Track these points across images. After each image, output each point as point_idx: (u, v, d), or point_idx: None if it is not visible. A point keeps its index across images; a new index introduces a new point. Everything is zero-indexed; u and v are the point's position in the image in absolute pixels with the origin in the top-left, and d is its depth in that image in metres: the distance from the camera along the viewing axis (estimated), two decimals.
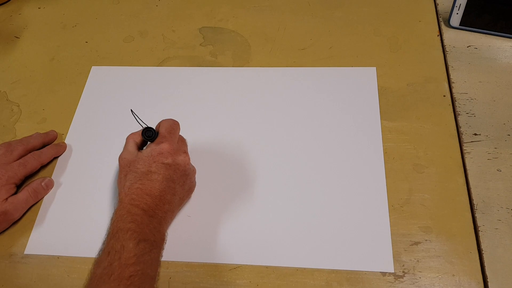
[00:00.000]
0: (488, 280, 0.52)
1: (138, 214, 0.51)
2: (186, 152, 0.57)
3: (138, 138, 0.58)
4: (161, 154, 0.54)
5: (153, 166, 0.54)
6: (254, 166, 0.63)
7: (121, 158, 0.57)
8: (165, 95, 0.72)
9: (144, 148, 0.58)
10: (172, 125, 0.58)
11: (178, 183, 0.56)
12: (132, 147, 0.57)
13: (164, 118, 0.59)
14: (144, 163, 0.54)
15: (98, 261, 0.49)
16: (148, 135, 0.56)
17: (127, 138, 0.58)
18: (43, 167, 0.65)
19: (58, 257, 0.58)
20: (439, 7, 0.78)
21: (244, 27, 0.80)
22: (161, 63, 0.76)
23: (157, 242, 0.51)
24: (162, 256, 0.52)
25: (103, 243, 0.50)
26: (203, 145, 0.66)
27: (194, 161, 0.60)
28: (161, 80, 0.74)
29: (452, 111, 0.66)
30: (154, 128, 0.57)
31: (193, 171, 0.59)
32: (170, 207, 0.55)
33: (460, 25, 0.74)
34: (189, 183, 0.59)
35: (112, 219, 0.52)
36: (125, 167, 0.56)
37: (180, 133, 0.59)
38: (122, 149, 0.66)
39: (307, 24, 0.79)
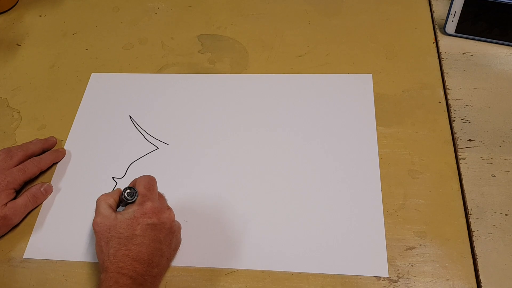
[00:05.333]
0: (482, 284, 0.52)
1: (126, 285, 0.48)
2: (170, 208, 0.55)
3: (111, 200, 0.55)
4: (145, 215, 0.52)
5: (137, 228, 0.51)
6: (249, 171, 0.64)
7: (96, 224, 0.53)
8: (163, 102, 0.73)
9: (120, 209, 0.55)
10: (150, 182, 0.55)
11: (164, 243, 0.53)
12: (107, 211, 0.53)
13: (162, 126, 0.58)
14: (127, 226, 0.51)
15: None
16: (130, 195, 0.53)
17: (98, 201, 0.55)
18: (43, 172, 0.66)
19: (57, 261, 0.59)
20: (434, 15, 0.79)
21: (242, 35, 0.81)
22: (160, 70, 0.77)
23: None
24: None
25: None
26: (201, 149, 0.67)
27: (190, 164, 0.61)
28: (160, 86, 0.75)
29: (447, 117, 0.66)
30: (129, 186, 0.55)
31: (178, 227, 0.57)
32: (159, 270, 0.52)
33: (455, 32, 0.74)
34: (175, 241, 0.56)
35: None
36: (105, 233, 0.52)
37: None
38: (120, 154, 0.66)
39: (304, 31, 0.80)
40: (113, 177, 0.65)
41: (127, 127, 0.70)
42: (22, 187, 0.64)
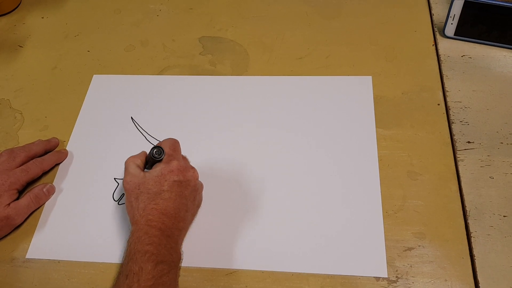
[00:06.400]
0: (480, 285, 0.53)
1: (155, 235, 0.51)
2: (193, 168, 0.58)
3: (138, 161, 0.58)
4: (171, 172, 0.55)
5: (165, 184, 0.54)
6: (249, 172, 0.64)
7: (126, 182, 0.56)
8: (165, 103, 0.73)
9: (148, 167, 0.58)
10: (174, 143, 0.59)
11: (189, 199, 0.56)
12: (135, 170, 0.57)
13: (163, 127, 0.60)
14: (155, 183, 0.54)
15: (117, 285, 0.49)
16: (158, 153, 0.56)
17: (127, 162, 0.58)
18: (45, 173, 0.67)
19: (59, 261, 0.59)
20: (434, 18, 0.79)
21: (242, 37, 0.81)
22: (161, 72, 0.78)
23: (175, 262, 0.51)
24: (179, 275, 0.52)
25: (121, 266, 0.51)
26: (202, 151, 0.67)
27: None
28: (161, 88, 0.75)
29: (446, 119, 0.67)
30: (156, 145, 0.58)
31: (201, 186, 0.60)
32: (184, 225, 0.56)
33: (454, 35, 0.75)
34: (198, 198, 0.60)
35: (128, 241, 0.52)
36: (134, 190, 0.55)
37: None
38: (122, 155, 0.67)
39: (305, 33, 0.80)
40: (114, 178, 0.66)
41: (129, 128, 0.71)
42: (25, 188, 0.64)
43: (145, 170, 0.58)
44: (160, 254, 0.50)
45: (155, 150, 0.57)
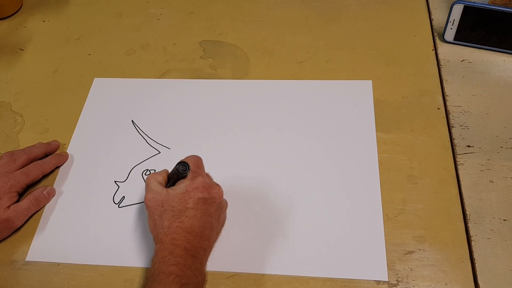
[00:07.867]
0: None
1: (180, 256, 0.49)
2: (218, 185, 0.56)
3: (160, 178, 0.57)
4: (196, 189, 0.53)
5: (190, 202, 0.53)
6: (250, 175, 0.64)
7: (148, 199, 0.54)
8: (165, 107, 0.73)
9: (170, 185, 0.57)
10: (198, 160, 0.57)
11: (214, 217, 0.55)
12: (158, 187, 0.55)
13: (164, 130, 0.59)
14: (180, 200, 0.53)
15: None
16: (183, 169, 0.55)
17: (149, 179, 0.56)
18: (45, 176, 0.67)
19: (59, 264, 0.59)
20: (434, 22, 0.80)
21: (243, 41, 0.82)
22: (162, 75, 0.78)
23: (199, 284, 0.51)
24: None
25: (143, 286, 0.49)
26: (202, 153, 0.67)
27: None
28: (162, 91, 0.76)
29: (446, 124, 0.67)
30: (181, 161, 0.56)
31: (226, 204, 0.59)
32: (209, 244, 0.54)
33: (454, 40, 0.75)
34: (223, 216, 0.58)
35: (153, 260, 0.51)
36: (158, 207, 0.53)
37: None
38: (122, 158, 0.67)
39: (305, 38, 0.81)
40: (115, 181, 0.66)
41: (129, 132, 0.71)
42: (25, 190, 0.64)
43: (167, 187, 0.57)
44: (185, 276, 0.48)
45: (180, 165, 0.55)
